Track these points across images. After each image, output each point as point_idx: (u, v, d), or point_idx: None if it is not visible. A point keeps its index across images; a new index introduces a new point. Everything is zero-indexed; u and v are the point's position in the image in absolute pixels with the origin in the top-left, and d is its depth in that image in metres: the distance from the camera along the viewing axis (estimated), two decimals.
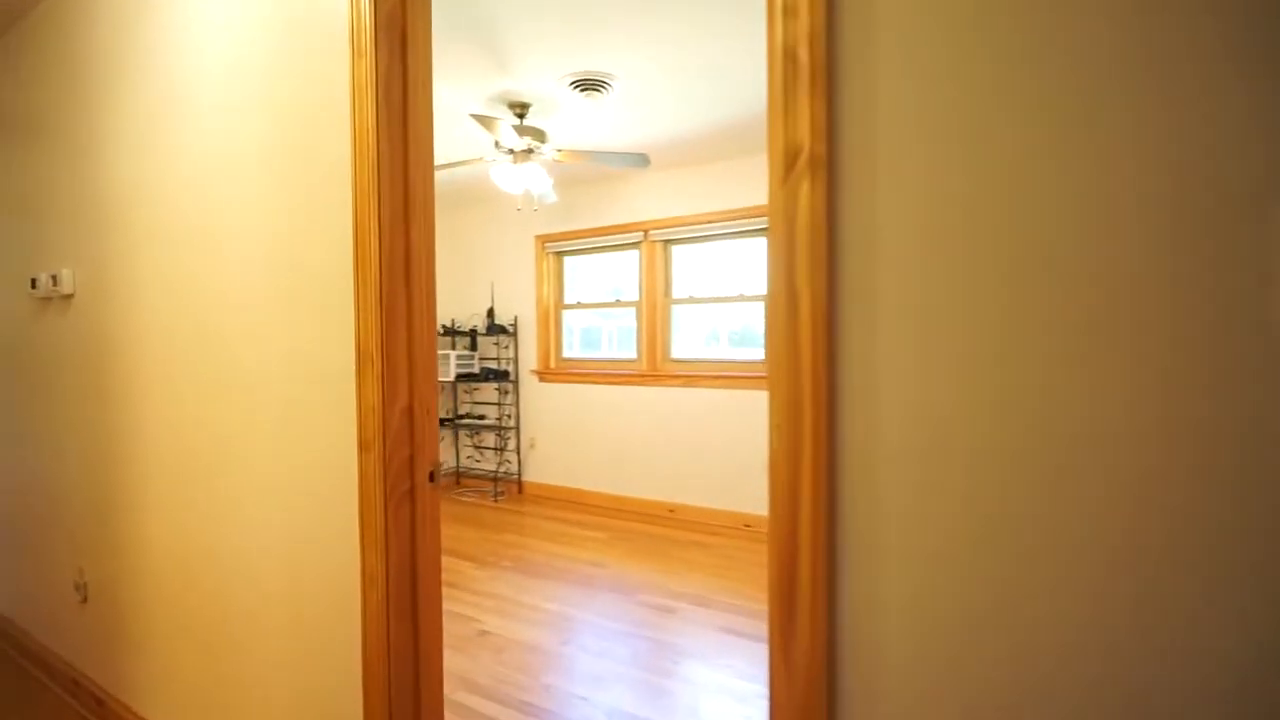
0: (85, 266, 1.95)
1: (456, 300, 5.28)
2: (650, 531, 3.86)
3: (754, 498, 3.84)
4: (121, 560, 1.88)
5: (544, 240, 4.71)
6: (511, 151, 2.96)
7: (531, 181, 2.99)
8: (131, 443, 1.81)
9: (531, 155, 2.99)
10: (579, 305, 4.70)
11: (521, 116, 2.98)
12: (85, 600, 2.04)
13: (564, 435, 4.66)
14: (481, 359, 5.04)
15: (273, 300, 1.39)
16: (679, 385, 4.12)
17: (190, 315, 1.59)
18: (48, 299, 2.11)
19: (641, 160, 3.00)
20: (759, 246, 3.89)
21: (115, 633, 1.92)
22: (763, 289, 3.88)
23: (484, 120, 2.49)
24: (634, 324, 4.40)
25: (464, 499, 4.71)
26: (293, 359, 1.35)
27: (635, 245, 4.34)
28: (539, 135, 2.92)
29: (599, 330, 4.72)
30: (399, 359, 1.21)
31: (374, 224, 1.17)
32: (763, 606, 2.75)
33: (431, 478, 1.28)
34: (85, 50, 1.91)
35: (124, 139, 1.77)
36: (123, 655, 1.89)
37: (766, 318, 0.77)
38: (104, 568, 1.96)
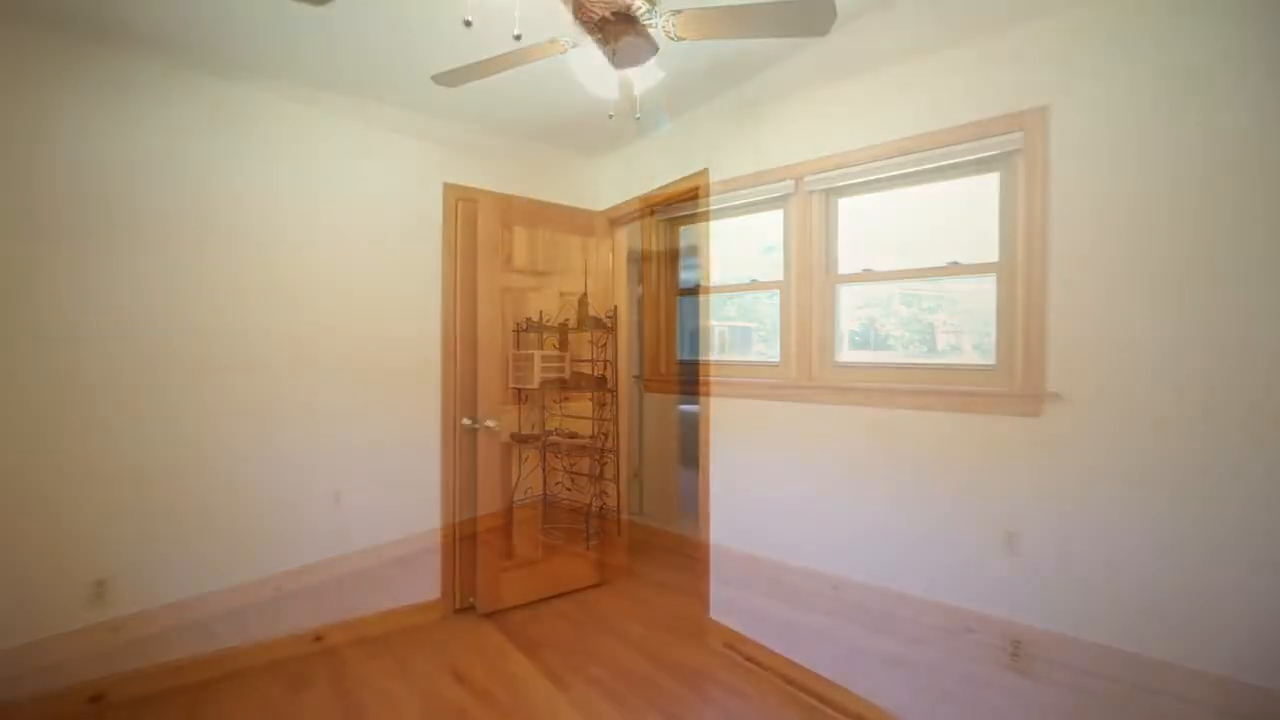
0: None
1: (542, 287, 4.28)
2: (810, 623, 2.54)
3: (979, 584, 2.38)
4: None
5: (651, 203, 3.55)
6: (602, 22, 1.82)
7: (631, 67, 1.83)
8: None
9: (632, 28, 1.83)
10: (699, 290, 3.48)
11: None
12: None
13: (676, 464, 3.46)
14: (573, 361, 3.99)
15: None
16: (850, 404, 2.76)
17: None
18: None
19: (820, 17, 1.73)
20: (981, 187, 2.44)
21: None
22: (980, 254, 2.42)
23: None
24: (776, 313, 3.10)
25: (550, 541, 3.67)
26: None
27: (780, 201, 3.05)
28: None
29: (725, 323, 3.47)
30: None
31: None
32: None
33: None
34: None
35: None
36: None
37: None
38: None
